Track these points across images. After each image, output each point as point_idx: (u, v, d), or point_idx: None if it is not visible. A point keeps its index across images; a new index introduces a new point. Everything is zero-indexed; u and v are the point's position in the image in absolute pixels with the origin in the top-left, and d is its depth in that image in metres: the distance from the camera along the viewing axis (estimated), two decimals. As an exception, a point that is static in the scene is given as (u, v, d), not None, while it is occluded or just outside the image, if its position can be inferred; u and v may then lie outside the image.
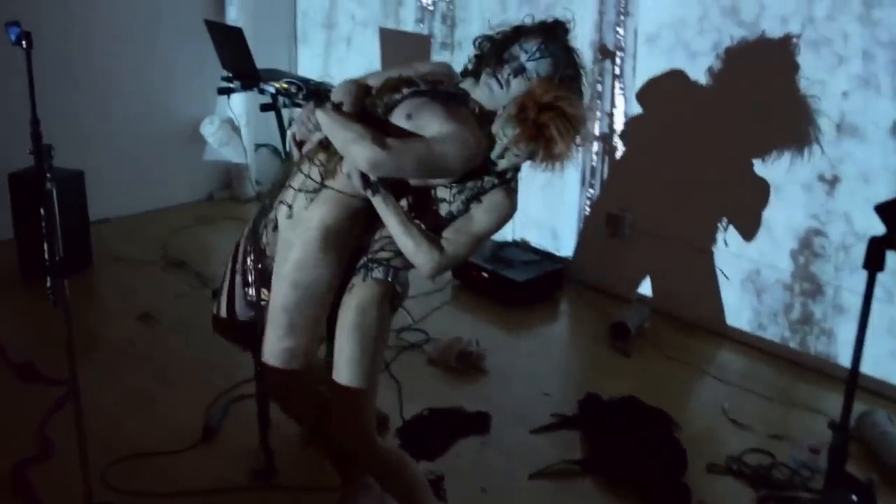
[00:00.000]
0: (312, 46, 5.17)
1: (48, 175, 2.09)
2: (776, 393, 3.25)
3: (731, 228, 3.58)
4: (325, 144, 2.08)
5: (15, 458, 2.64)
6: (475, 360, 3.35)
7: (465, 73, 2.17)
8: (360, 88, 2.11)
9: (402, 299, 2.22)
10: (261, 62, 3.77)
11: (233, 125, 4.85)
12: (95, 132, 4.56)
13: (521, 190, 4.24)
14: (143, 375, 3.20)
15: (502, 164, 2.02)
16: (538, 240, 4.25)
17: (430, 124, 1.97)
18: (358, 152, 1.93)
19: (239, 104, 4.74)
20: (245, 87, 3.58)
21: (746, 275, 3.56)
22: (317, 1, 5.09)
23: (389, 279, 2.13)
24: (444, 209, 2.07)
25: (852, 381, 1.66)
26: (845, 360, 3.18)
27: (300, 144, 2.20)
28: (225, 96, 4.17)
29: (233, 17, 4.69)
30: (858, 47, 3.10)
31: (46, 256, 2.12)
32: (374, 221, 2.12)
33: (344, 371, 2.10)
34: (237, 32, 3.42)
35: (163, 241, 4.50)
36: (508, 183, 2.07)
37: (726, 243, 3.59)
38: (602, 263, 4.04)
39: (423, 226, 2.05)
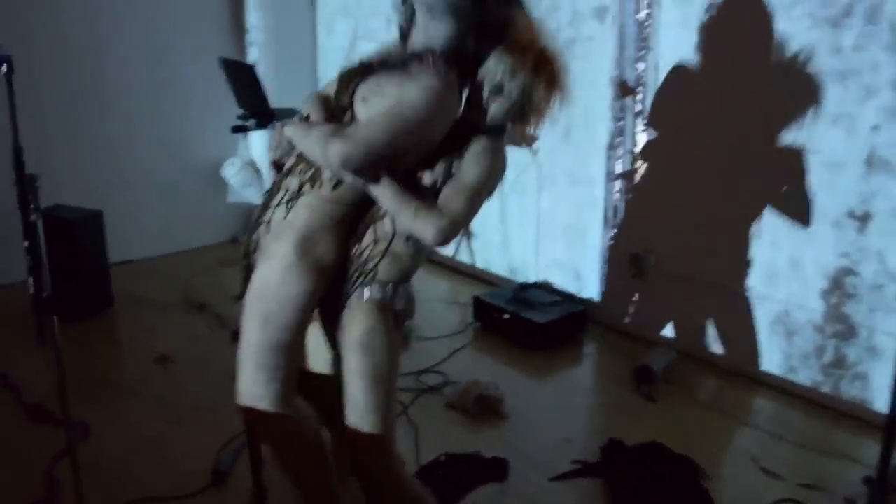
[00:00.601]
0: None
1: (32, 206, 2.03)
2: (808, 440, 3.10)
3: (759, 268, 3.47)
4: (301, 155, 2.04)
5: (24, 500, 2.60)
6: (494, 403, 3.26)
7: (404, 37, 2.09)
8: (325, 97, 2.06)
9: (409, 316, 2.11)
10: (282, 102, 3.77)
11: (254, 167, 4.87)
12: (119, 174, 4.63)
13: (544, 232, 4.21)
14: (157, 418, 3.16)
15: (492, 110, 1.95)
16: (561, 281, 4.18)
17: (388, 92, 1.91)
18: (327, 155, 1.88)
19: (259, 146, 4.77)
20: (260, 126, 3.56)
21: (776, 316, 3.44)
22: (337, 40, 5.13)
23: (388, 299, 2.02)
24: (427, 178, 1.99)
25: (890, 428, 1.54)
26: (881, 405, 3.06)
27: (279, 166, 2.14)
28: (243, 136, 4.18)
29: (254, 57, 4.74)
30: (888, 78, 3.01)
31: (32, 292, 2.06)
32: (354, 231, 2.05)
33: (360, 421, 2.03)
34: (250, 69, 3.41)
35: (184, 282, 4.50)
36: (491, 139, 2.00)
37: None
38: (626, 305, 3.94)
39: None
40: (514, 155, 4.13)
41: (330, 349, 2.15)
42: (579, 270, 4.14)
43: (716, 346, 3.65)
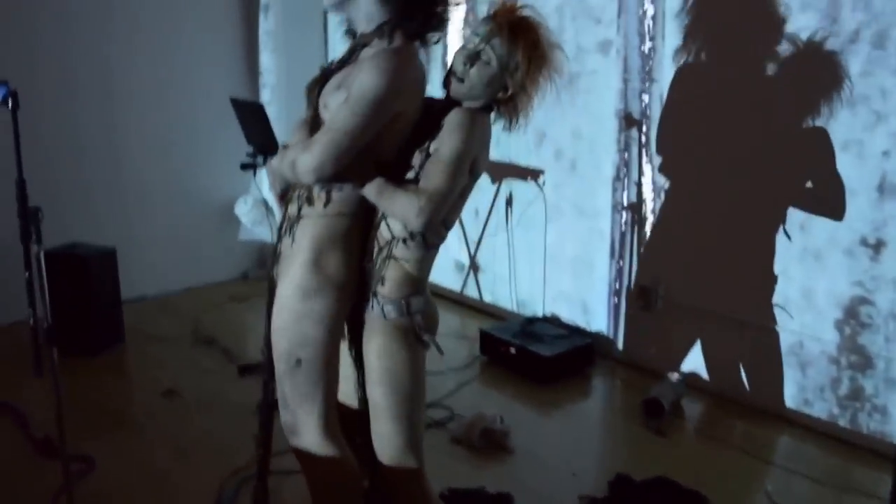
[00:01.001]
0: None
1: (34, 237, 2.05)
2: (825, 475, 3.00)
3: (770, 298, 3.39)
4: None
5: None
6: (499, 438, 3.19)
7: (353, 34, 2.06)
8: (305, 119, 2.06)
9: (430, 331, 2.07)
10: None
11: (266, 205, 4.90)
12: (133, 211, 4.68)
13: (551, 265, 4.18)
14: (162, 451, 3.14)
15: (472, 78, 1.91)
16: (568, 314, 4.12)
17: (345, 86, 1.88)
18: (298, 174, 1.87)
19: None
20: (267, 163, 3.61)
21: (789, 347, 3.35)
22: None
23: (405, 314, 2.01)
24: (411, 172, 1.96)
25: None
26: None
27: (284, 198, 2.13)
28: (253, 174, 4.22)
29: (267, 97, 4.80)
30: (898, 104, 2.98)
31: (31, 323, 2.06)
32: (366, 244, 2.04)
33: (392, 458, 2.04)
34: (259, 108, 3.46)
35: (195, 318, 4.51)
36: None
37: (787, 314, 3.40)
38: (634, 337, 3.88)
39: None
40: (521, 189, 4.18)
41: (357, 384, 2.14)
42: (587, 303, 4.08)
43: (726, 379, 3.57)
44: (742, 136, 3.39)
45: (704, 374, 3.64)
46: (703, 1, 3.45)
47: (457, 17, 4.46)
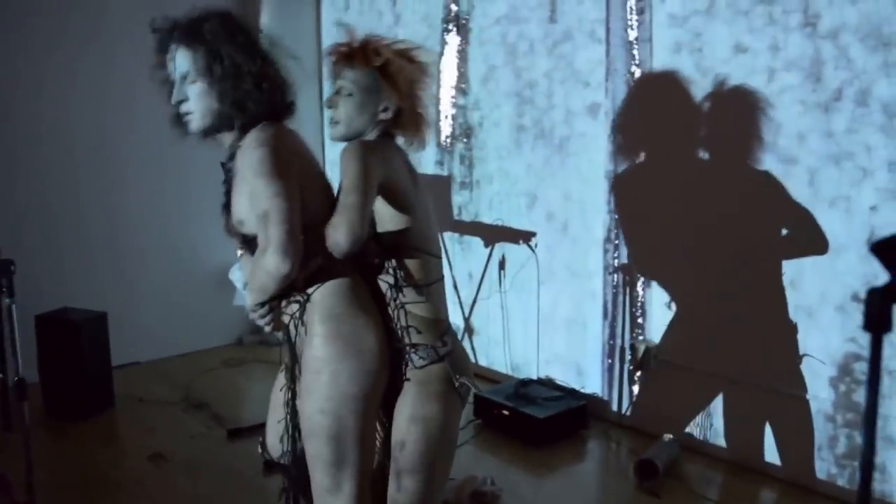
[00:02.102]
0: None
1: (5, 290, 2.04)
2: (825, 537, 2.91)
3: (763, 357, 3.35)
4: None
5: None
6: (489, 500, 3.12)
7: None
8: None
9: (462, 372, 2.05)
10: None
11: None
12: (126, 276, 4.69)
13: (544, 327, 4.13)
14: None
15: (346, 113, 2.00)
16: (563, 376, 4.07)
17: (241, 187, 1.91)
18: (277, 277, 1.81)
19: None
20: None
21: (785, 407, 3.29)
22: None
23: (433, 359, 2.00)
24: None
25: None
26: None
27: (279, 327, 2.04)
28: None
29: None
30: (883, 158, 2.99)
31: (1, 377, 2.03)
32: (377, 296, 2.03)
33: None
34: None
35: (187, 383, 4.47)
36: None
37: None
38: (627, 398, 3.82)
39: None
40: (514, 251, 4.19)
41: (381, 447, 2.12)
42: (580, 364, 4.04)
43: (721, 440, 3.50)
44: (731, 198, 3.41)
45: (698, 435, 3.57)
46: (681, 67, 3.52)
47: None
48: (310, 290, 1.96)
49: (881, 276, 3.06)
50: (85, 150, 4.50)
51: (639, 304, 3.78)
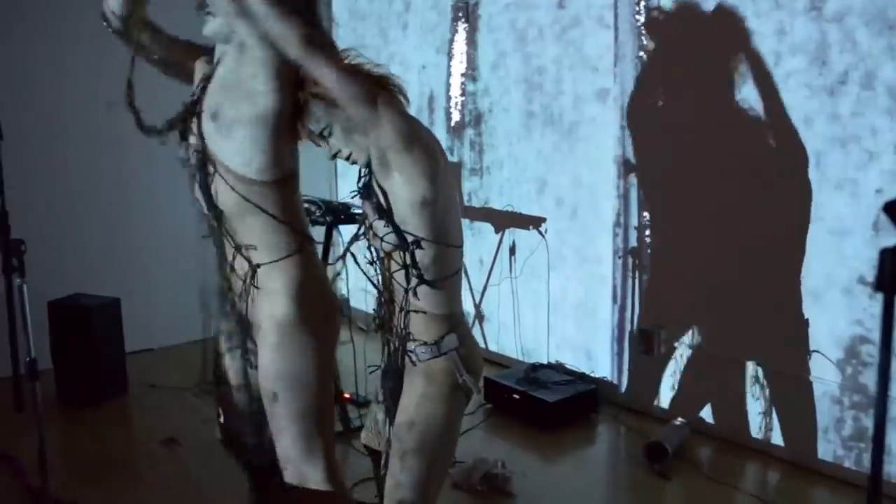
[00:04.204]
0: (350, 183, 5.29)
1: (16, 269, 2.06)
2: (833, 517, 2.94)
3: (771, 339, 3.37)
4: None
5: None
6: (501, 482, 3.15)
7: None
8: None
9: (470, 372, 2.00)
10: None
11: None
12: (139, 262, 4.71)
13: (554, 312, 4.12)
14: (160, 500, 3.13)
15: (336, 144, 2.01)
16: (572, 361, 4.10)
17: None
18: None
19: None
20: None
21: (794, 388, 3.31)
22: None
23: (438, 354, 1.98)
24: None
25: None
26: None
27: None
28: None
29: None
30: (889, 142, 2.99)
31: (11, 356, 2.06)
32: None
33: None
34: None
35: (200, 369, 4.51)
36: None
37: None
38: (637, 382, 3.86)
39: None
40: (524, 237, 4.21)
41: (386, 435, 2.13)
42: (590, 349, 4.07)
43: (730, 421, 3.53)
44: (738, 179, 3.42)
45: (707, 417, 3.60)
46: (690, 45, 3.53)
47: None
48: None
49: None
50: (100, 135, 4.50)
51: (648, 288, 3.81)
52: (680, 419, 3.53)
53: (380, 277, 2.07)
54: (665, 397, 3.78)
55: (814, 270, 3.22)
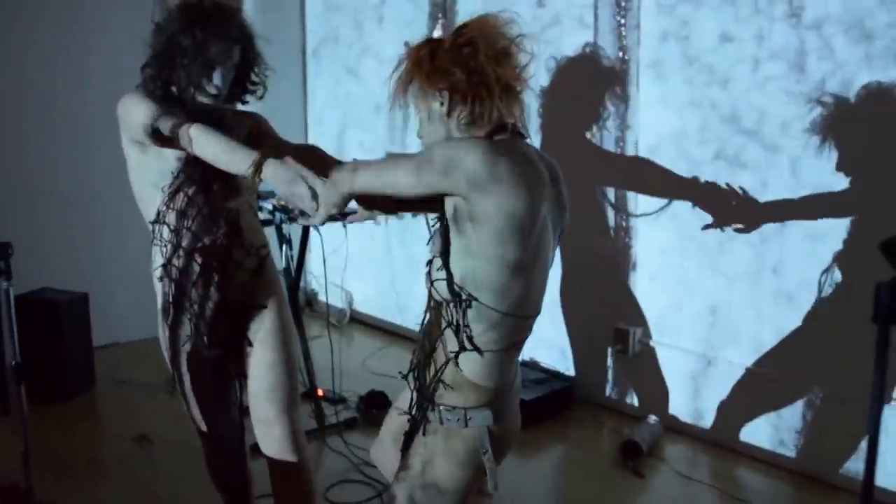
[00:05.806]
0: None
1: (2, 273, 2.01)
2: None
3: (745, 339, 3.43)
4: None
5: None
6: (477, 481, 3.16)
7: None
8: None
9: (495, 452, 1.79)
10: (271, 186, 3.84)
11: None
12: (108, 257, 4.63)
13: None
14: (130, 498, 3.10)
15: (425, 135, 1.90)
16: (547, 359, 4.12)
17: None
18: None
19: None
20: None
21: (765, 388, 3.38)
22: (328, 130, 5.25)
23: (465, 426, 1.74)
24: None
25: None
26: (881, 479, 2.95)
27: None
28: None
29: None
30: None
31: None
32: None
33: None
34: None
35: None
36: None
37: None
38: (611, 380, 3.90)
39: None
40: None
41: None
42: (565, 347, 4.09)
43: (703, 420, 3.59)
44: (718, 182, 3.47)
45: (681, 416, 3.66)
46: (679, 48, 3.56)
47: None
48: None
49: (854, 259, 3.15)
50: (66, 129, 4.43)
51: (623, 287, 3.85)
52: (653, 417, 3.58)
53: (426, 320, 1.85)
54: (639, 395, 3.82)
55: (788, 273, 3.28)
